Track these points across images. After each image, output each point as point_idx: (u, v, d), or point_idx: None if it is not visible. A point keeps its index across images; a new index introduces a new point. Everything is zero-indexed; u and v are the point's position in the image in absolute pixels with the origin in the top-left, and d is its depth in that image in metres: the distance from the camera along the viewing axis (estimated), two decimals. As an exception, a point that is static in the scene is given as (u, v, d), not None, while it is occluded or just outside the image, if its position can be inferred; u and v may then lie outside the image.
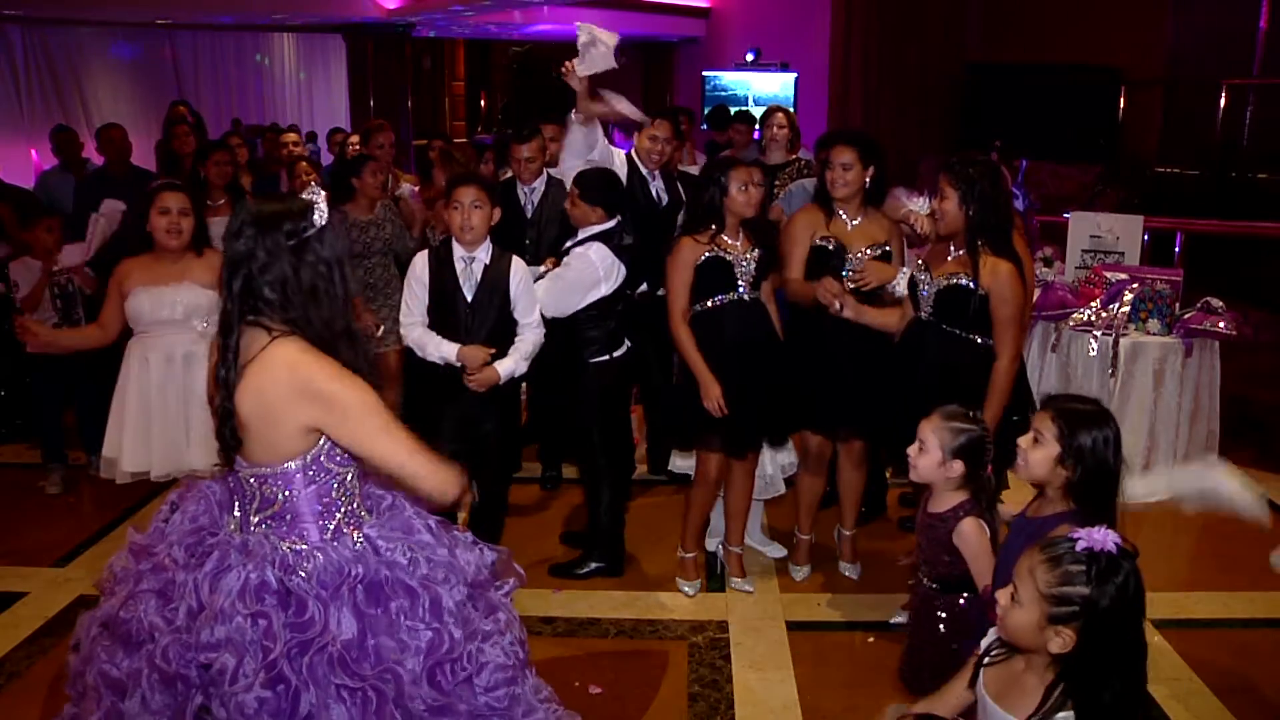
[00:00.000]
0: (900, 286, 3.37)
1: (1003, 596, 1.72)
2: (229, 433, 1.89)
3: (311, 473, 1.93)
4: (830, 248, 3.49)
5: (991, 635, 1.85)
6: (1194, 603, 3.75)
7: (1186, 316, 4.74)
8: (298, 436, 1.88)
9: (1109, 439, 2.19)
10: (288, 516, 1.94)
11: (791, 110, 5.40)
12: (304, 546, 1.93)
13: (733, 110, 8.24)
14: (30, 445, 5.01)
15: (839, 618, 3.59)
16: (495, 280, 3.42)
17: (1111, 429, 2.20)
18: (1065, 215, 5.58)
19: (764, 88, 11.27)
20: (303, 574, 1.89)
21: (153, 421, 3.42)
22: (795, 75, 11.09)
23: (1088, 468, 2.17)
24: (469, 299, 3.40)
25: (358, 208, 4.58)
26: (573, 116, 4.09)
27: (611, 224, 3.66)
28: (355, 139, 6.20)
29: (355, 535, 1.99)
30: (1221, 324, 4.67)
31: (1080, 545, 1.62)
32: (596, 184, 3.69)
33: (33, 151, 9.19)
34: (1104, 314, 4.72)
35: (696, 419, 3.44)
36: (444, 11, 10.92)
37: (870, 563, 3.90)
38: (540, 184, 4.30)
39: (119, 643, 1.95)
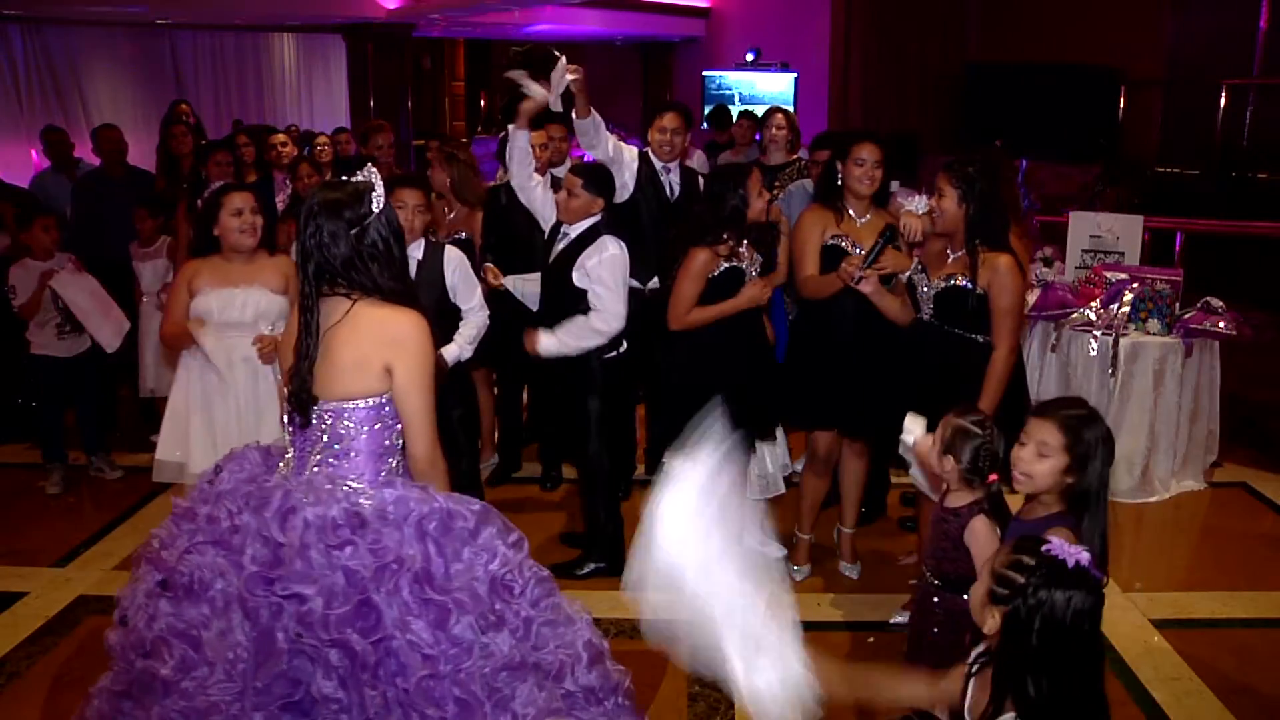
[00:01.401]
0: (914, 206, 3.39)
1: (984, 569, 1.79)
2: (306, 396, 2.13)
3: (381, 414, 2.15)
4: (844, 246, 3.48)
5: (980, 647, 1.84)
6: (1194, 603, 3.75)
7: (1186, 316, 4.74)
8: (376, 378, 2.12)
9: (1100, 438, 2.19)
10: (351, 453, 2.15)
11: (791, 111, 5.40)
12: (362, 485, 2.13)
13: (734, 110, 8.24)
14: (30, 445, 5.02)
15: (839, 618, 3.59)
16: (430, 275, 3.47)
17: (1103, 428, 2.21)
18: (1065, 215, 5.57)
19: (764, 87, 11.27)
20: (368, 506, 2.07)
21: (216, 424, 3.37)
22: (795, 75, 11.09)
23: (1088, 474, 2.18)
24: None
25: None
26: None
27: (600, 214, 3.66)
28: (324, 140, 6.14)
29: (405, 478, 2.20)
30: (1221, 324, 4.67)
31: (1050, 547, 1.66)
32: (598, 173, 3.69)
33: (33, 152, 9.17)
34: (1104, 314, 4.72)
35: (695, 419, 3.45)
36: (444, 11, 10.92)
37: (870, 563, 3.90)
38: (547, 179, 4.30)
39: (182, 596, 2.07)
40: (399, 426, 2.20)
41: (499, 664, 2.07)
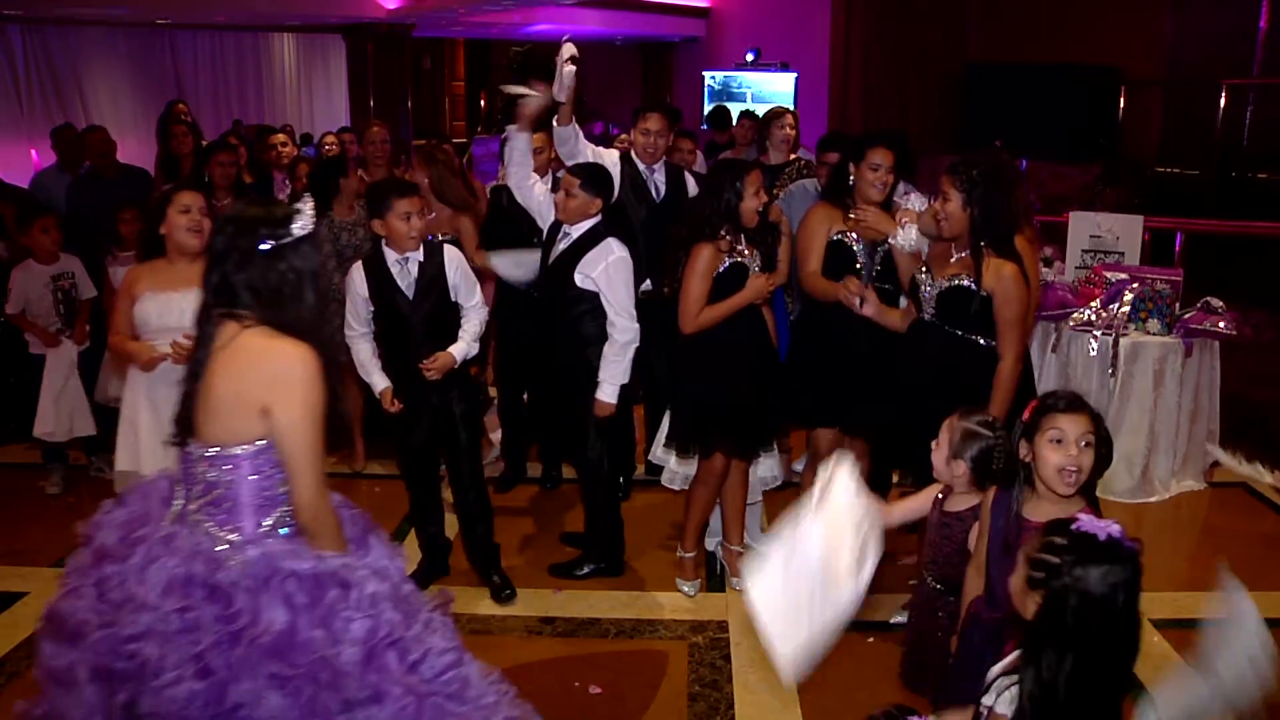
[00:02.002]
0: (899, 239, 3.40)
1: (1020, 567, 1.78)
2: (189, 416, 1.98)
3: (258, 462, 1.97)
4: (848, 242, 3.54)
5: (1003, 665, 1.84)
6: (1194, 603, 3.75)
7: (1186, 316, 4.74)
8: (254, 419, 1.94)
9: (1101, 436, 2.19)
10: (227, 504, 1.98)
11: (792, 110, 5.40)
12: (236, 538, 1.97)
13: (734, 110, 8.24)
14: (30, 445, 5.01)
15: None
16: (433, 274, 3.49)
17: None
18: (1065, 215, 5.57)
19: (764, 87, 11.27)
20: (232, 566, 1.91)
21: (158, 426, 3.27)
22: (795, 75, 11.10)
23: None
24: (410, 298, 3.48)
25: (340, 208, 4.58)
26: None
27: (599, 215, 3.66)
28: (331, 138, 6.17)
29: (288, 532, 2.02)
30: (1221, 324, 4.67)
31: (1075, 525, 1.68)
32: (596, 173, 3.69)
33: (33, 151, 9.18)
34: (1104, 314, 4.72)
35: (711, 423, 3.48)
36: (444, 11, 10.92)
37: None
38: (547, 182, 4.29)
39: (60, 636, 1.97)
40: (283, 475, 2.00)
41: None
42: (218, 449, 1.97)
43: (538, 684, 3.18)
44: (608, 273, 3.54)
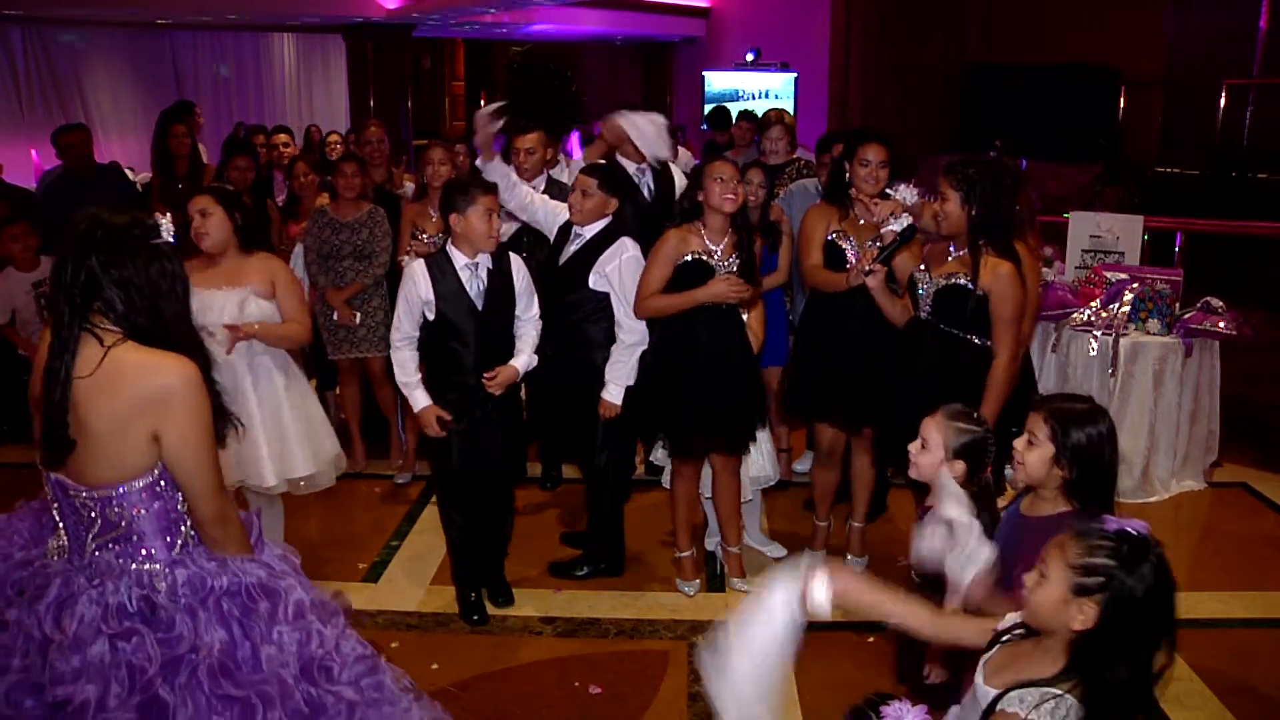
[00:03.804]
0: (891, 227, 3.39)
1: (1029, 577, 1.72)
2: (60, 447, 1.81)
3: (158, 489, 1.87)
4: (839, 243, 3.58)
5: (1011, 619, 1.83)
6: (1194, 603, 3.75)
7: (1186, 316, 4.74)
8: (144, 448, 1.82)
9: (1103, 435, 2.17)
10: (132, 538, 1.88)
11: (789, 113, 5.41)
12: (155, 566, 1.88)
13: (734, 110, 8.24)
14: (30, 446, 5.01)
15: (839, 617, 3.57)
16: (502, 285, 3.34)
17: (1105, 425, 2.19)
18: (1065, 215, 5.57)
19: (764, 87, 11.27)
20: (162, 589, 1.85)
21: None
22: (795, 75, 11.10)
23: (1084, 466, 2.16)
24: (479, 308, 3.28)
25: (338, 208, 4.58)
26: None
27: (609, 217, 3.65)
28: (336, 138, 6.18)
29: (199, 548, 1.94)
30: (1221, 324, 4.67)
31: (1110, 526, 1.65)
32: (613, 173, 3.70)
33: (33, 152, 9.17)
34: (1104, 314, 4.72)
35: (665, 419, 3.52)
36: (444, 11, 10.92)
37: (870, 562, 3.91)
38: (540, 183, 4.30)
39: None
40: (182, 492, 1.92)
41: None
42: (108, 488, 1.83)
43: (538, 684, 3.19)
44: (620, 271, 3.53)
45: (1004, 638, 1.81)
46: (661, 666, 3.28)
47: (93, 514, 1.87)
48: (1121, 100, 9.14)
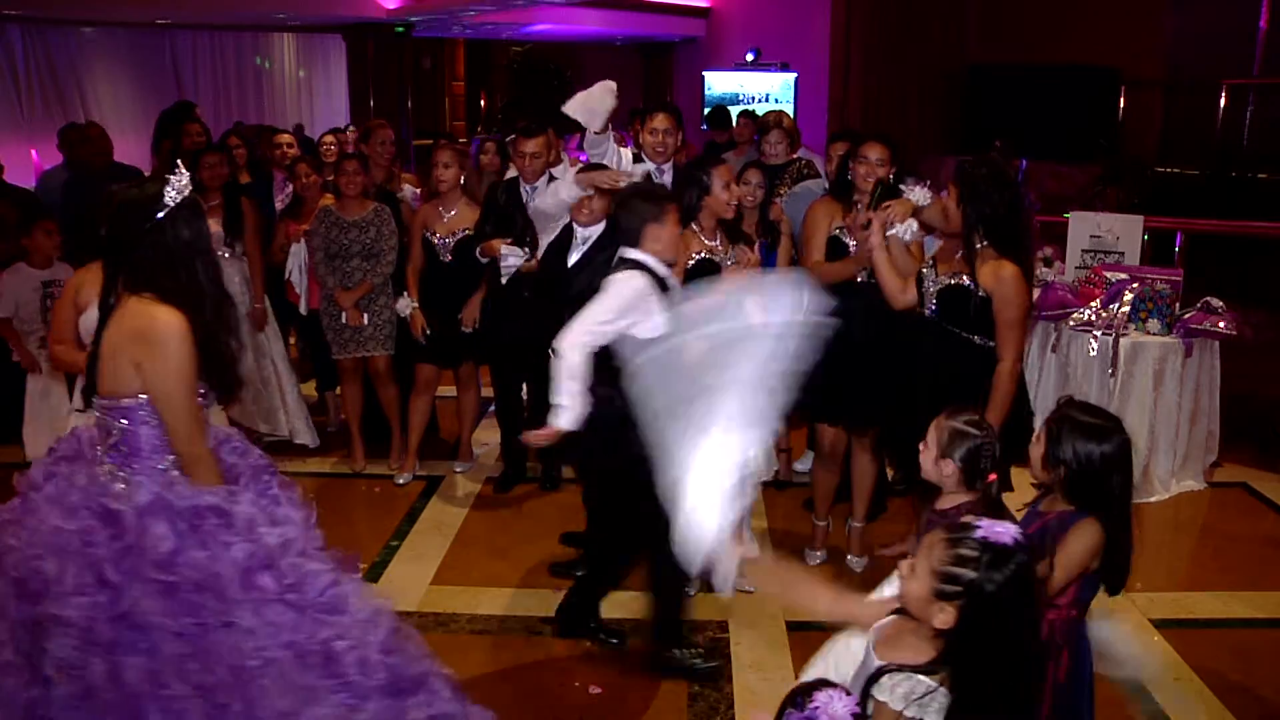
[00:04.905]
0: (898, 231, 3.34)
1: (904, 566, 1.80)
2: (93, 374, 2.22)
3: (145, 414, 2.18)
4: (843, 238, 3.60)
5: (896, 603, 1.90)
6: (1194, 603, 3.75)
7: (1186, 316, 4.74)
8: (131, 372, 2.16)
9: (1101, 455, 2.16)
10: (125, 449, 2.21)
11: (789, 115, 5.41)
12: (132, 477, 2.19)
13: (734, 110, 8.24)
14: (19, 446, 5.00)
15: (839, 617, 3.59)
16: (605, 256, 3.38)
17: (1109, 445, 2.17)
18: (1065, 215, 5.58)
19: (764, 90, 11.27)
20: (121, 497, 2.15)
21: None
22: (795, 75, 11.10)
23: (1072, 474, 2.18)
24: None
25: (344, 207, 4.59)
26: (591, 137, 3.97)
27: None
28: (330, 139, 6.16)
29: (179, 474, 2.23)
30: (1221, 324, 4.67)
31: (979, 533, 1.70)
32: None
33: (33, 151, 9.17)
34: (1104, 314, 4.72)
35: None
36: (444, 11, 10.92)
37: (870, 561, 3.91)
38: (542, 183, 4.30)
39: None
40: None
41: (257, 650, 2.08)
42: (111, 399, 2.20)
43: (538, 684, 3.19)
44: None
45: (898, 609, 1.88)
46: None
47: (105, 424, 2.22)
48: (1121, 100, 9.14)
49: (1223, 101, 8.68)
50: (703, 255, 3.45)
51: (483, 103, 16.99)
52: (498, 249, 4.23)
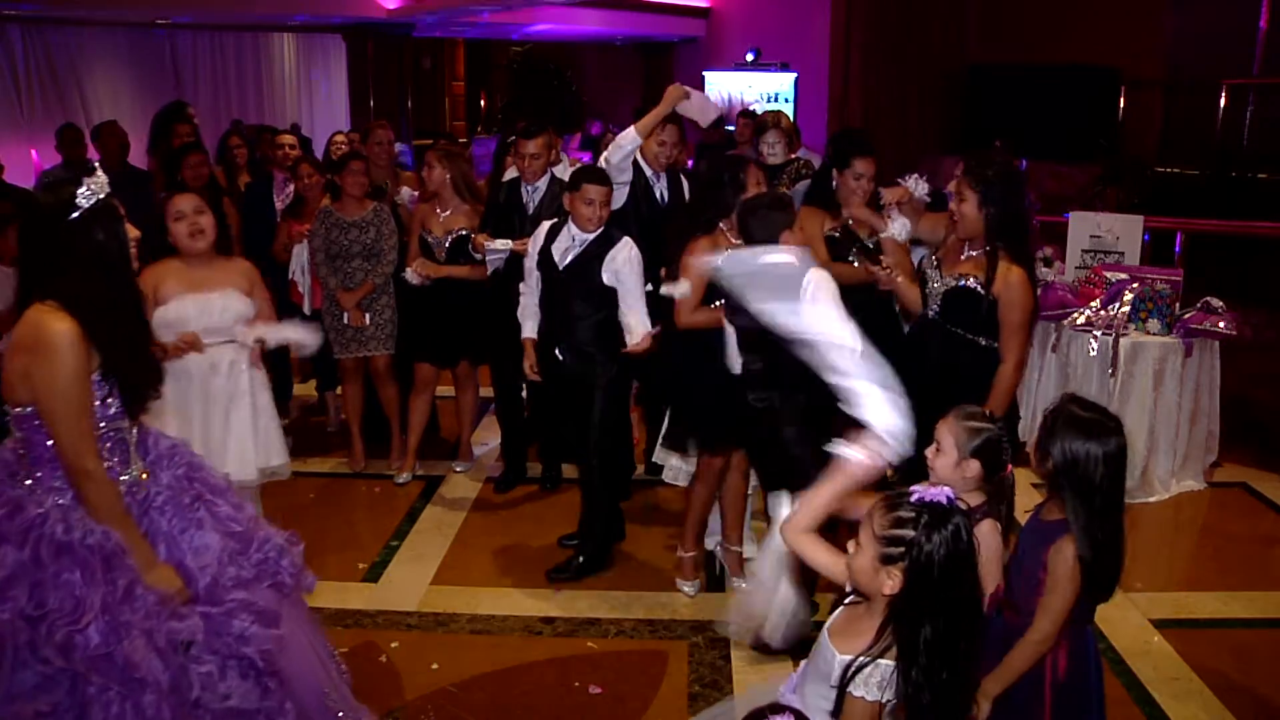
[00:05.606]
0: (892, 230, 3.54)
1: (850, 544, 1.84)
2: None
3: (38, 423, 2.14)
4: (838, 236, 3.63)
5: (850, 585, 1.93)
6: (1194, 603, 3.75)
7: (1186, 316, 4.74)
8: (22, 383, 2.12)
9: (1088, 452, 2.17)
10: (31, 458, 2.18)
11: (787, 116, 5.41)
12: (34, 487, 2.16)
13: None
14: None
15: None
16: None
17: (1097, 442, 2.18)
18: (1065, 215, 5.57)
19: (764, 91, 11.27)
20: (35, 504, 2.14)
21: (194, 429, 3.21)
22: (795, 75, 11.09)
23: (1058, 466, 2.19)
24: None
25: (344, 207, 4.58)
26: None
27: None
28: (341, 138, 6.17)
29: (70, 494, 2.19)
30: (1221, 324, 4.67)
31: (914, 496, 1.76)
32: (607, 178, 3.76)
33: (33, 151, 9.17)
34: (1104, 314, 4.72)
35: (707, 417, 3.50)
36: (444, 11, 10.92)
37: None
38: (543, 183, 4.31)
39: None
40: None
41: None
42: (11, 407, 2.18)
43: (538, 684, 3.19)
44: (626, 266, 3.64)
45: (846, 600, 1.92)
46: (661, 666, 3.28)
47: (14, 431, 2.20)
48: (1121, 100, 9.13)
49: (1223, 101, 8.67)
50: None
51: (483, 103, 16.98)
52: (482, 245, 4.29)
